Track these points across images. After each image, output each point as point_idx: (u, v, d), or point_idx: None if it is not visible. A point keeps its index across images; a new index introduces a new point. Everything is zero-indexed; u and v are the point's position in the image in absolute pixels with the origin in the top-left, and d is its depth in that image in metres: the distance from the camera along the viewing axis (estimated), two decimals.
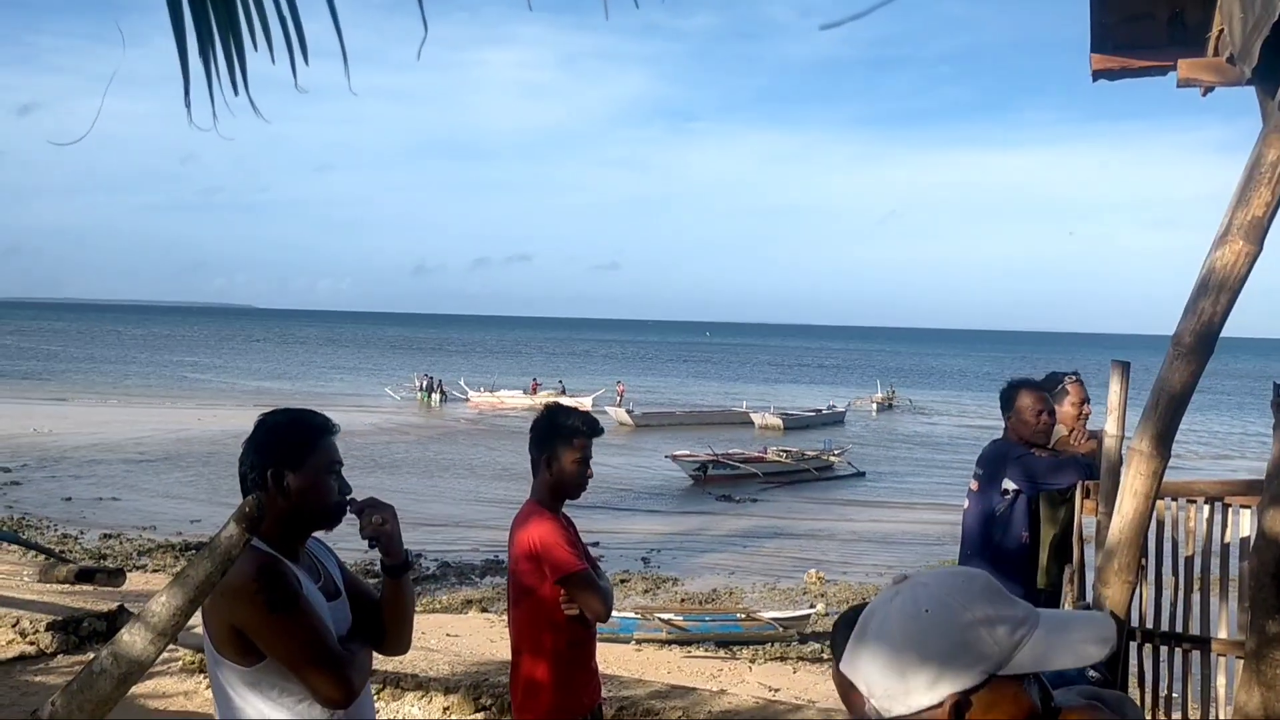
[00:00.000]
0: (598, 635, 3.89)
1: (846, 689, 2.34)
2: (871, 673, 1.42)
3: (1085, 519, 4.25)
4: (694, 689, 7.02)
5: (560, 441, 3.74)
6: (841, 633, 2.34)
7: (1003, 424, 5.13)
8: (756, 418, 41.32)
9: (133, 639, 1.92)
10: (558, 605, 3.64)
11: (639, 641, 12.60)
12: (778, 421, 40.70)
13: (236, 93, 1.64)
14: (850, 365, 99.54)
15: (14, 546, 12.13)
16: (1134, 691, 4.10)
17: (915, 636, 1.39)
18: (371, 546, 2.75)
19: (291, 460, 2.60)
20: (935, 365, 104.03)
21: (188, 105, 1.59)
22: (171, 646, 6.62)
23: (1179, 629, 4.15)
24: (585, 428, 3.78)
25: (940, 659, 1.37)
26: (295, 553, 2.65)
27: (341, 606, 2.72)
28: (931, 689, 1.37)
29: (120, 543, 18.08)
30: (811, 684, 10.07)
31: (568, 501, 3.86)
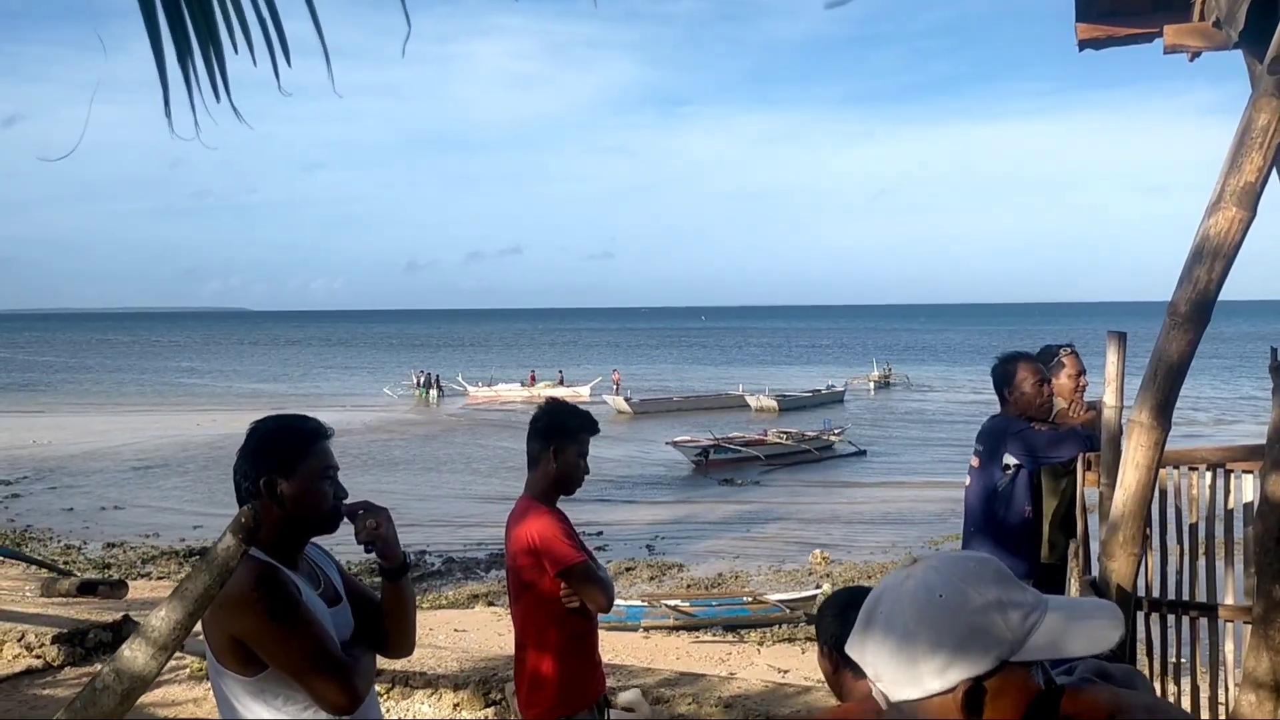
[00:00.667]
0: (607, 624, 3.88)
1: (833, 671, 2.33)
2: (881, 656, 1.40)
3: (1087, 491, 4.24)
4: (703, 675, 7.02)
5: (566, 438, 3.76)
6: (828, 617, 2.33)
7: (999, 399, 5.10)
8: (751, 400, 41.41)
9: (134, 654, 1.90)
10: (559, 599, 3.65)
11: (647, 629, 12.62)
12: (773, 403, 40.79)
13: (218, 99, 1.61)
14: (844, 344, 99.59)
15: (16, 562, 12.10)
16: (1142, 660, 4.09)
17: (929, 621, 1.37)
18: (368, 551, 2.73)
19: (284, 467, 2.57)
20: (929, 341, 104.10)
21: (168, 115, 1.55)
22: (179, 654, 6.61)
23: (1185, 596, 4.14)
24: (589, 425, 3.82)
25: (954, 644, 1.36)
26: (294, 560, 2.62)
27: (343, 612, 2.70)
28: (943, 674, 1.36)
29: (123, 552, 18.07)
30: None
31: (562, 496, 3.86)
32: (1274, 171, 2.97)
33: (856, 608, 1.51)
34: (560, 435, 3.76)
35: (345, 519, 2.69)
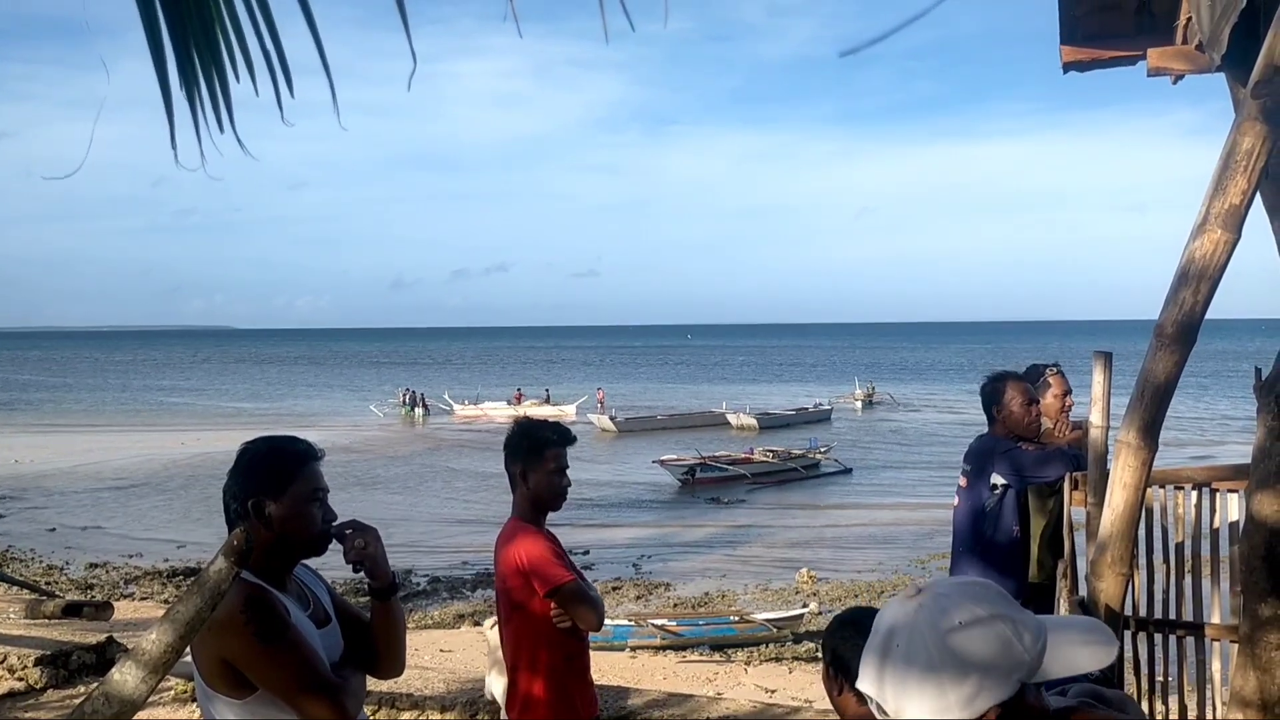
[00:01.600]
0: (593, 644, 3.87)
1: (837, 694, 2.32)
2: (904, 689, 1.38)
3: (1074, 510, 4.26)
4: (691, 695, 7.01)
5: (532, 455, 3.73)
6: (840, 637, 2.31)
7: (987, 418, 5.12)
8: (732, 418, 41.45)
9: (124, 678, 1.89)
10: (550, 619, 3.63)
11: (633, 648, 12.58)
12: (752, 421, 40.85)
13: (222, 130, 1.61)
14: (828, 362, 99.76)
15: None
16: (1129, 679, 4.10)
17: (952, 649, 1.36)
18: (356, 571, 2.72)
19: (273, 490, 2.57)
20: (911, 359, 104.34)
21: (174, 147, 1.56)
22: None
23: (1172, 615, 4.15)
24: (556, 438, 3.77)
25: (980, 671, 1.35)
26: (283, 582, 2.62)
27: (332, 633, 2.69)
28: (971, 702, 1.35)
29: (106, 572, 17.94)
30: (808, 683, 10.08)
31: (551, 514, 3.84)
32: (1258, 194, 2.99)
33: (861, 627, 1.51)
34: (528, 454, 3.74)
35: (334, 540, 2.69)
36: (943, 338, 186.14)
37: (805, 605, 14.32)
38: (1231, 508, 3.98)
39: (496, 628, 3.89)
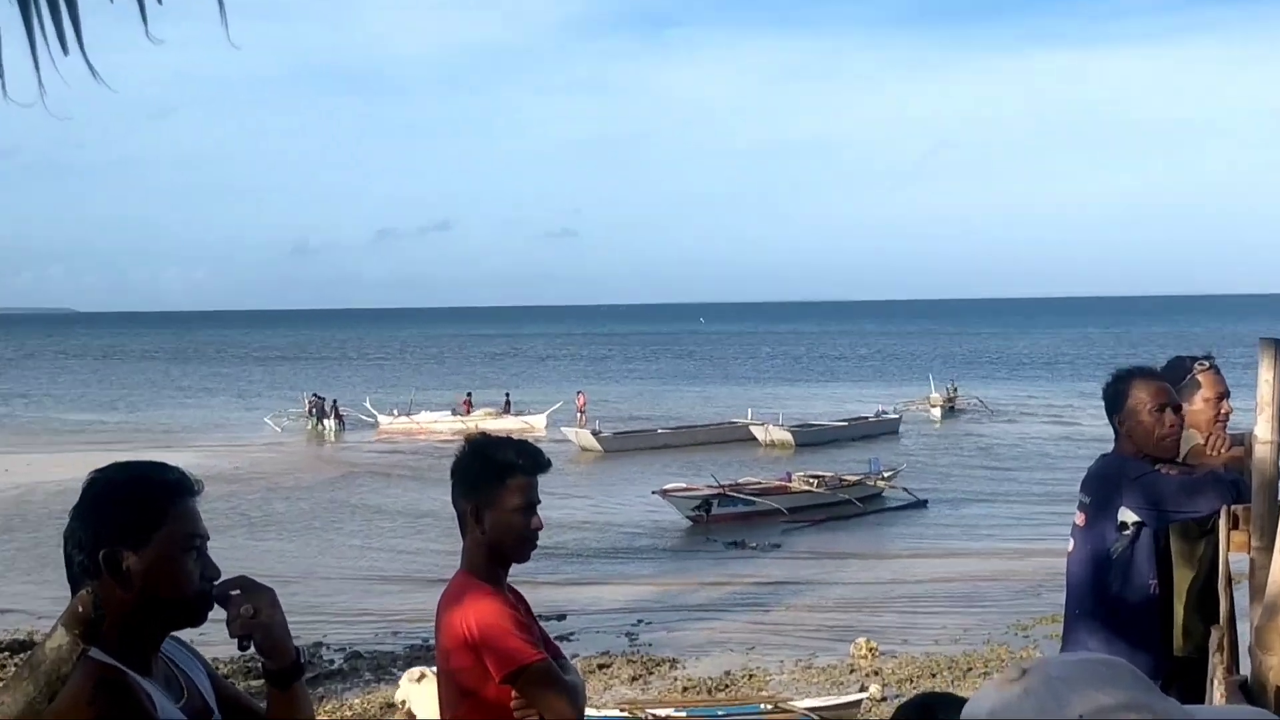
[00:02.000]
0: None
1: None
2: None
3: (1233, 557, 4.25)
4: None
5: (491, 485, 3.72)
6: None
7: (1113, 432, 5.12)
8: (759, 431, 41.35)
9: None
10: (508, 710, 3.63)
11: None
12: (788, 436, 40.72)
13: (67, 52, 1.61)
14: (891, 354, 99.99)
15: None
16: None
17: None
18: (244, 647, 2.73)
19: (132, 537, 2.57)
20: (1008, 350, 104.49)
21: (0, 75, 1.56)
22: None
23: None
24: (524, 461, 3.75)
25: None
26: (146, 661, 2.63)
27: None
28: None
29: None
30: None
31: (514, 565, 3.84)
32: None
33: None
34: (483, 485, 3.73)
35: (216, 604, 2.69)
36: (1048, 320, 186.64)
37: (863, 688, 14.36)
38: None
39: (422, 682, 3.91)
